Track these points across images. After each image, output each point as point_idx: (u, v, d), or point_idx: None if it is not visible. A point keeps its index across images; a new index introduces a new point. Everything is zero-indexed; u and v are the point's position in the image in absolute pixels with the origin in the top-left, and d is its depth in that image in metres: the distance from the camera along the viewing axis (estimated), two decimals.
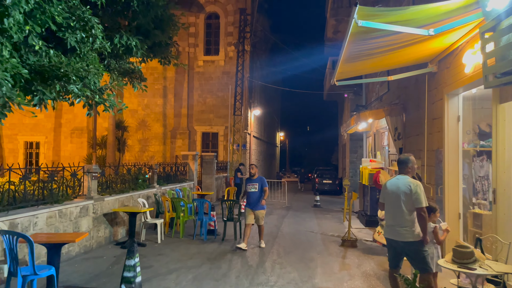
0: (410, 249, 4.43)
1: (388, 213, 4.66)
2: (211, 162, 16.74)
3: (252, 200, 8.06)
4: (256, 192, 8.05)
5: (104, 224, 8.04)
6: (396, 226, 4.49)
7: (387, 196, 4.69)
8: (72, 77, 4.79)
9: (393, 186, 4.61)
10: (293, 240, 9.14)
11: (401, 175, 4.68)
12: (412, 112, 8.92)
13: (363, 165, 12.16)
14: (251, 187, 8.07)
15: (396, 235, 4.48)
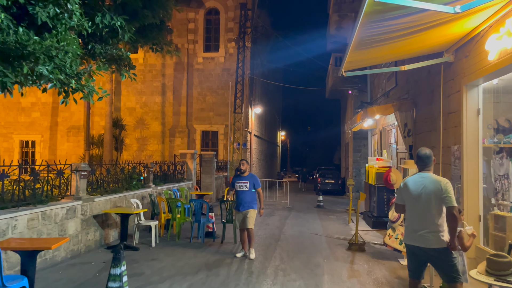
0: (438, 257, 3.85)
1: (412, 216, 4.06)
2: (210, 161, 16.19)
3: (242, 200, 6.99)
4: (247, 192, 6.96)
5: (94, 227, 7.48)
6: (423, 231, 3.88)
7: (409, 197, 4.06)
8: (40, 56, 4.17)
9: (417, 186, 3.99)
10: (296, 243, 8.58)
11: (425, 172, 4.09)
12: (423, 107, 8.36)
13: (370, 164, 11.61)
14: (241, 186, 7.02)
15: (422, 241, 3.88)
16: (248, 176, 7.06)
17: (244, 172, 7.05)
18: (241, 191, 6.98)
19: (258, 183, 7.02)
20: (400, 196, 4.23)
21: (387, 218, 10.70)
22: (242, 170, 7.04)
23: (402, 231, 6.95)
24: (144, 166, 10.24)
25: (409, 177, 4.19)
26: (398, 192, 4.26)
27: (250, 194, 6.96)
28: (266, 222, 11.55)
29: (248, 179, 7.00)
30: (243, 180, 7.01)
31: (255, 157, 23.73)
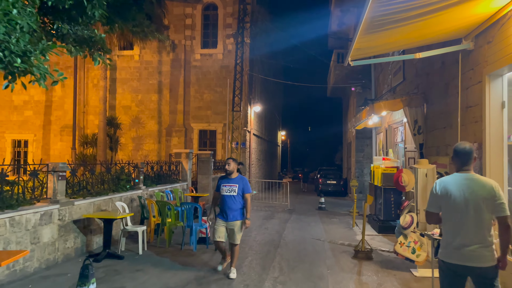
0: (486, 277, 3.07)
1: (455, 228, 3.19)
2: (207, 161, 15.48)
3: (228, 208, 5.75)
4: (234, 197, 5.74)
5: (74, 233, 6.79)
6: (473, 246, 3.07)
7: (450, 204, 3.20)
8: None
9: (462, 190, 3.16)
10: (297, 250, 7.87)
11: (466, 172, 3.24)
12: (436, 101, 7.65)
13: (375, 163, 10.91)
14: (228, 189, 5.79)
15: (472, 259, 3.07)
16: (238, 178, 5.89)
17: (231, 173, 5.89)
18: (228, 196, 5.78)
19: (248, 188, 5.85)
20: (435, 202, 3.33)
21: (394, 222, 10.03)
22: (229, 171, 5.88)
23: (415, 238, 6.25)
24: (134, 166, 9.54)
25: (446, 179, 3.32)
26: (433, 198, 3.36)
27: (239, 201, 5.79)
28: (265, 226, 10.85)
29: (237, 182, 5.82)
30: (231, 183, 5.82)
31: (255, 157, 23.03)
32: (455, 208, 3.15)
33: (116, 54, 21.52)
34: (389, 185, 9.85)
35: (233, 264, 5.96)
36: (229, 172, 5.89)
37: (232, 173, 5.88)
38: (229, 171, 5.88)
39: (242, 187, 5.79)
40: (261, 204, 15.99)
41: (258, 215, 12.86)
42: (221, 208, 5.89)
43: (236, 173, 5.93)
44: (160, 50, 21.32)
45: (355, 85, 17.30)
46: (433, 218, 3.36)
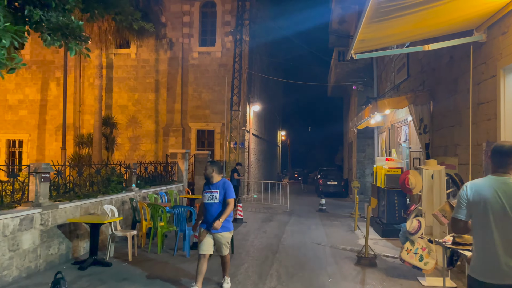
0: None
1: (491, 239, 2.64)
2: (204, 162, 15.05)
3: (211, 216, 5.15)
4: (217, 205, 5.15)
5: (58, 239, 6.36)
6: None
7: (484, 210, 2.68)
8: None
9: (498, 195, 2.63)
10: (297, 256, 7.45)
11: (504, 176, 2.69)
12: (443, 98, 7.23)
13: (378, 164, 10.50)
14: (209, 197, 5.18)
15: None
16: (219, 183, 5.22)
17: (211, 178, 5.23)
18: (209, 204, 5.15)
19: (231, 193, 5.19)
20: (465, 209, 2.78)
21: (398, 225, 9.61)
22: (206, 176, 5.27)
23: (422, 244, 5.83)
24: (126, 167, 9.12)
25: (479, 182, 2.79)
26: (462, 203, 2.79)
27: (222, 207, 5.15)
28: (263, 229, 10.43)
29: (218, 187, 5.17)
30: (212, 189, 5.19)
31: (254, 157, 22.60)
32: (491, 217, 2.62)
33: (113, 53, 21.10)
34: (392, 187, 9.43)
35: (226, 273, 5.50)
36: (209, 176, 5.25)
37: (211, 178, 5.22)
38: (209, 175, 5.22)
39: (223, 193, 5.15)
40: (260, 206, 15.58)
41: (256, 217, 12.44)
42: (204, 218, 5.26)
43: (217, 177, 5.24)
44: (158, 48, 20.91)
45: (356, 83, 16.87)
46: (460, 227, 2.81)
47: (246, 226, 10.82)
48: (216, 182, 5.21)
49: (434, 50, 7.76)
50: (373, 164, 18.56)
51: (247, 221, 11.51)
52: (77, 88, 21.28)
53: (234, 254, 7.36)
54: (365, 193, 17.91)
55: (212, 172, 5.21)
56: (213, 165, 5.26)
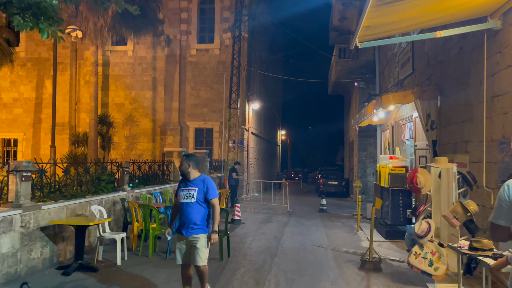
0: None
1: None
2: (202, 161, 14.64)
3: (186, 218, 4.33)
4: (193, 205, 4.30)
5: (41, 242, 5.95)
6: None
7: None
8: None
9: None
10: (297, 260, 7.03)
11: None
12: (453, 92, 6.82)
13: (381, 163, 10.07)
14: (185, 195, 4.37)
15: None
16: (198, 180, 4.40)
17: (187, 174, 4.41)
18: (185, 203, 4.34)
19: (213, 192, 4.37)
20: (506, 212, 2.30)
21: (403, 226, 9.20)
22: (182, 172, 4.46)
23: (432, 248, 5.41)
24: (118, 165, 8.71)
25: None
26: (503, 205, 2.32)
27: (199, 209, 4.32)
28: (262, 230, 10.02)
29: (196, 184, 4.36)
30: (189, 186, 4.38)
31: (253, 156, 22.18)
32: None
33: (109, 50, 20.71)
34: (397, 186, 9.02)
35: (205, 285, 4.58)
36: (185, 172, 4.43)
37: (188, 173, 4.40)
38: (182, 171, 4.44)
39: (203, 191, 4.32)
40: (259, 206, 15.16)
41: (255, 218, 12.03)
42: (179, 220, 4.46)
43: (195, 172, 4.43)
44: (155, 45, 20.51)
45: (358, 80, 16.44)
46: (501, 234, 2.29)
47: (244, 227, 10.41)
48: (194, 178, 4.40)
49: (442, 42, 7.35)
50: (375, 163, 18.18)
51: (246, 222, 11.10)
52: (72, 86, 20.89)
53: (230, 258, 6.95)
54: (366, 193, 17.50)
55: (188, 167, 4.38)
56: (189, 159, 4.43)
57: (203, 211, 4.35)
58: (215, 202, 4.36)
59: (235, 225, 10.60)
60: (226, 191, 12.65)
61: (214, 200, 4.35)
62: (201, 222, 4.33)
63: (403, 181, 9.07)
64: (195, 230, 4.29)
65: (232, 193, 14.13)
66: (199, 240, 4.29)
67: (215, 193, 4.40)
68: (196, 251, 4.30)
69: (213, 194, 4.37)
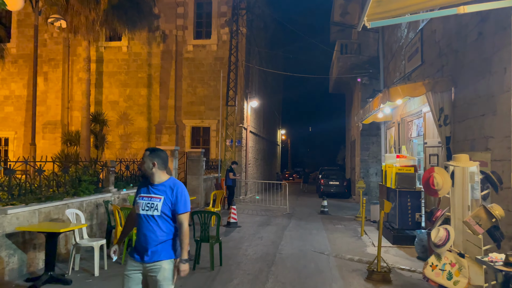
0: None
1: None
2: (197, 160, 13.99)
3: (145, 237, 3.09)
4: (157, 220, 3.08)
5: (7, 250, 5.27)
6: None
7: None
8: None
9: None
10: (296, 269, 6.35)
11: None
12: (470, 83, 6.13)
13: (387, 162, 9.40)
14: (145, 205, 3.11)
15: None
16: (165, 185, 3.15)
17: (152, 175, 3.14)
18: (145, 216, 3.09)
19: (183, 203, 3.13)
20: None
21: (411, 231, 8.52)
22: (147, 173, 3.16)
23: (451, 259, 4.72)
24: (102, 165, 8.03)
25: None
26: None
27: (163, 226, 3.09)
28: (259, 234, 9.34)
29: (163, 191, 3.12)
30: (152, 193, 3.14)
31: (252, 156, 21.49)
32: None
33: (103, 46, 20.06)
34: (405, 187, 8.36)
35: None
36: (147, 174, 3.15)
37: (152, 175, 3.13)
38: (148, 171, 3.13)
39: (171, 201, 3.09)
40: (257, 208, 14.49)
41: (252, 221, 11.35)
42: (136, 238, 3.19)
43: (161, 174, 3.15)
44: (150, 41, 19.83)
45: (361, 75, 15.75)
46: None
47: (241, 231, 9.73)
48: (159, 182, 3.14)
49: (456, 28, 6.68)
50: (378, 163, 17.52)
51: (242, 225, 10.43)
52: (65, 83, 20.23)
53: (222, 267, 6.27)
54: (369, 194, 16.81)
55: (152, 166, 3.10)
56: (154, 156, 3.14)
57: (169, 228, 3.10)
58: (184, 219, 3.10)
59: (231, 229, 9.93)
60: (222, 192, 11.97)
61: (182, 216, 3.09)
62: (166, 244, 3.08)
63: (411, 182, 8.41)
64: (156, 255, 3.03)
65: (229, 194, 13.46)
66: (160, 270, 3.02)
67: (185, 205, 3.13)
68: (156, 284, 3.03)
69: (183, 207, 3.10)
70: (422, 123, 8.81)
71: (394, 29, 11.56)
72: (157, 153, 3.19)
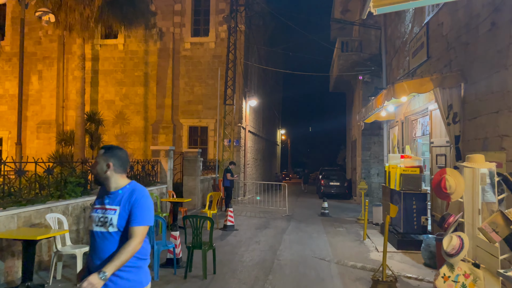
0: None
1: None
2: (194, 161, 13.56)
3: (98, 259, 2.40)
4: (113, 238, 2.41)
5: None
6: None
7: None
8: None
9: None
10: (295, 277, 5.92)
11: None
12: (482, 78, 5.71)
13: (391, 162, 8.98)
14: (98, 219, 2.45)
15: None
16: (122, 193, 2.48)
17: (106, 180, 2.50)
18: (97, 234, 2.45)
19: (140, 214, 2.41)
20: None
21: (416, 236, 8.11)
22: (100, 178, 2.51)
23: (465, 270, 4.30)
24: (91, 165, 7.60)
25: None
26: None
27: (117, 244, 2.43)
28: (257, 238, 8.92)
29: (119, 200, 2.46)
30: (106, 203, 2.48)
31: (251, 156, 21.07)
32: None
33: (99, 44, 19.65)
34: (410, 189, 7.92)
35: None
36: (100, 179, 2.52)
37: (106, 180, 2.49)
38: (96, 177, 2.53)
39: (126, 213, 2.42)
40: (256, 209, 14.07)
41: (250, 223, 10.94)
42: (89, 263, 2.50)
43: (120, 179, 2.52)
44: (147, 39, 19.40)
45: (363, 73, 15.32)
46: None
47: (237, 234, 9.31)
48: (116, 188, 2.48)
49: (466, 20, 6.26)
50: (380, 163, 17.10)
51: (239, 228, 10.01)
52: (60, 81, 19.82)
53: (216, 275, 5.85)
54: (370, 195, 16.40)
55: (106, 169, 2.47)
56: (110, 156, 2.50)
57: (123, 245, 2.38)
58: (137, 234, 2.36)
59: (228, 232, 9.51)
60: (219, 193, 11.55)
61: (137, 230, 2.37)
62: (128, 269, 2.38)
63: (417, 183, 7.98)
64: (116, 285, 2.36)
65: (227, 195, 13.02)
66: None
67: (143, 217, 2.40)
68: None
69: (139, 219, 2.39)
70: (427, 122, 8.40)
71: (398, 24, 11.15)
72: (114, 151, 2.54)
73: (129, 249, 2.32)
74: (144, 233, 2.42)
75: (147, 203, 2.47)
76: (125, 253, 2.31)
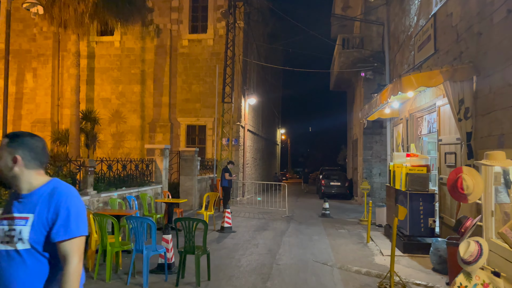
0: None
1: None
2: (191, 160, 13.15)
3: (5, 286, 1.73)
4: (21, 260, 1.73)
5: None
6: None
7: None
8: None
9: None
10: (295, 284, 5.51)
11: None
12: (497, 70, 5.30)
13: (396, 161, 8.58)
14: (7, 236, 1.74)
15: None
16: (37, 194, 1.80)
17: (14, 180, 1.83)
18: (2, 253, 1.75)
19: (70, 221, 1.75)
20: None
21: (423, 238, 7.69)
22: (6, 176, 1.84)
23: (484, 279, 3.89)
24: (80, 164, 7.20)
25: None
26: None
27: (32, 270, 1.74)
28: (255, 240, 8.50)
29: (31, 206, 1.77)
30: (16, 211, 1.78)
31: (250, 155, 20.65)
32: None
33: (94, 41, 19.25)
34: (416, 189, 7.51)
35: None
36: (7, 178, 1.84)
37: (15, 179, 1.83)
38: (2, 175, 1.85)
39: (46, 221, 1.75)
40: (254, 210, 13.65)
41: (248, 225, 10.52)
42: None
43: (34, 176, 1.84)
44: (144, 35, 19.00)
45: (365, 69, 14.91)
46: None
47: (235, 236, 8.89)
48: (30, 190, 1.83)
49: (479, 8, 5.85)
50: (381, 163, 16.68)
51: (237, 230, 9.60)
52: (55, 79, 19.41)
53: (211, 282, 5.44)
54: (373, 196, 15.99)
55: (12, 165, 1.82)
56: (17, 146, 1.84)
57: (44, 272, 1.77)
58: (71, 250, 1.74)
59: (225, 234, 9.10)
60: (216, 194, 11.14)
61: (70, 244, 1.75)
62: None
63: (424, 183, 7.57)
64: None
65: (225, 195, 12.63)
66: None
67: (77, 225, 1.78)
68: None
69: (72, 229, 1.76)
70: (434, 119, 7.99)
71: (402, 17, 10.73)
72: (23, 140, 1.85)
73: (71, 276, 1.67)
74: (82, 247, 1.78)
75: (78, 206, 1.81)
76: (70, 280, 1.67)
